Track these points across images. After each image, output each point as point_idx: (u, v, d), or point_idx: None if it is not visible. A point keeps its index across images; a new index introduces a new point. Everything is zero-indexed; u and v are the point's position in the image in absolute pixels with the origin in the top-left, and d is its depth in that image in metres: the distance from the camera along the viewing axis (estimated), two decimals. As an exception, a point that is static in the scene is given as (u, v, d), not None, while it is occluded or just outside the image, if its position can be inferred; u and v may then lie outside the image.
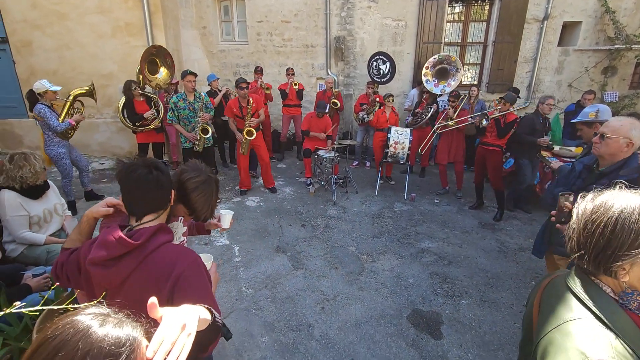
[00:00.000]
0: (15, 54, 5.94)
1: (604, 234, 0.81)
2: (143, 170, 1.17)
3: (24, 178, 2.48)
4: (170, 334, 0.63)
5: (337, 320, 2.81)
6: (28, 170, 2.48)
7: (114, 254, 1.09)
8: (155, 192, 1.20)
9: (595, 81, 6.54)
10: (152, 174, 1.18)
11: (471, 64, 7.22)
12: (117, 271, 1.10)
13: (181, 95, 4.46)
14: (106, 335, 0.59)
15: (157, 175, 1.19)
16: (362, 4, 6.92)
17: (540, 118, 4.31)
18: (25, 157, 2.52)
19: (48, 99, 4.10)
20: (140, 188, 1.18)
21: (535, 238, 2.69)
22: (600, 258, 0.82)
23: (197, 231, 1.92)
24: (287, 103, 6.59)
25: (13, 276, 2.20)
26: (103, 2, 5.72)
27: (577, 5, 6.28)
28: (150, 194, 1.20)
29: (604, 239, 0.81)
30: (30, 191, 2.58)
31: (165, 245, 1.17)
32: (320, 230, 4.28)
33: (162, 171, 1.21)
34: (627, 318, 0.81)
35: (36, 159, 2.55)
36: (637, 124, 1.98)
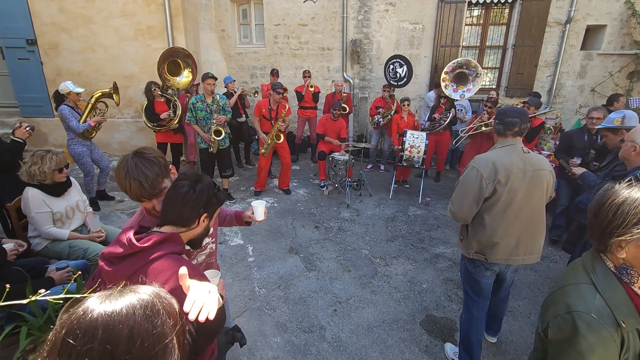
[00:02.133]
0: (43, 55, 6.17)
1: (607, 215, 0.95)
2: (184, 183, 1.20)
3: (31, 174, 2.56)
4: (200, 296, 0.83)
5: (350, 323, 2.80)
6: (37, 168, 2.55)
7: (121, 252, 1.10)
8: (180, 206, 1.20)
9: (620, 86, 6.33)
10: (185, 189, 1.19)
11: (490, 67, 7.11)
12: (120, 270, 1.11)
13: (200, 96, 4.55)
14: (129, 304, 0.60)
15: (192, 189, 1.20)
16: (379, 7, 6.92)
17: (585, 134, 3.78)
18: (42, 157, 2.59)
19: (72, 100, 4.25)
20: (170, 192, 1.21)
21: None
22: (603, 236, 0.97)
23: (236, 221, 1.89)
24: (303, 105, 6.64)
25: (37, 269, 2.29)
26: (126, 6, 5.89)
27: (602, 8, 6.10)
28: (174, 206, 1.20)
29: (607, 220, 0.95)
30: (53, 188, 2.67)
31: (170, 256, 1.14)
32: (333, 232, 4.28)
33: (199, 188, 1.21)
34: (620, 287, 0.95)
35: (51, 159, 2.60)
36: None
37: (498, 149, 2.05)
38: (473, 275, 2.17)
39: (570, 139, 3.86)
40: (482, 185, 1.93)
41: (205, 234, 1.30)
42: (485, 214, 1.99)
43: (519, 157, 1.97)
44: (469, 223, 2.07)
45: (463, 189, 2.01)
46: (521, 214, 1.97)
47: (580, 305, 0.94)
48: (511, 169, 1.92)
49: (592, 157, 3.60)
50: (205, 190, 1.22)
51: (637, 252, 0.92)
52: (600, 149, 3.52)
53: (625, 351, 0.91)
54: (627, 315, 0.92)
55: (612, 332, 0.90)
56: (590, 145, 3.67)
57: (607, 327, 0.90)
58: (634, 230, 0.90)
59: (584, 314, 0.92)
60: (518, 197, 1.94)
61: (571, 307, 0.95)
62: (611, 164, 2.57)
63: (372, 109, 6.35)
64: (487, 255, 2.04)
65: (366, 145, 5.65)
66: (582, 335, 0.91)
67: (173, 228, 1.21)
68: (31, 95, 6.35)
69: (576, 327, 0.93)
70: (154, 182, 1.30)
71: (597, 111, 3.63)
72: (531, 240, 2.04)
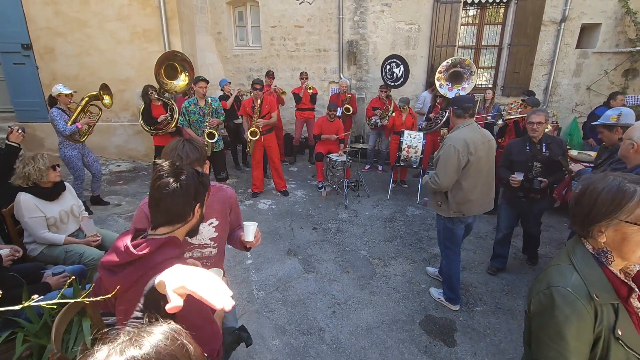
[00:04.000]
0: (39, 59, 6.16)
1: (589, 203, 1.04)
2: (167, 181, 1.11)
3: (28, 175, 2.54)
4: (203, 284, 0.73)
5: (349, 325, 2.79)
6: (32, 167, 2.54)
7: (120, 261, 1.08)
8: (171, 205, 1.13)
9: (616, 84, 6.36)
10: (170, 184, 1.10)
11: (486, 67, 7.13)
12: (122, 279, 1.09)
13: (192, 100, 4.54)
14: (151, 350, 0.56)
15: (176, 186, 1.11)
16: (375, 9, 6.93)
17: (526, 144, 3.10)
18: (33, 157, 2.59)
19: (63, 103, 4.22)
20: (155, 194, 1.13)
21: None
22: (584, 222, 1.06)
23: (240, 245, 1.80)
24: (301, 107, 6.63)
25: (33, 274, 2.27)
26: (122, 9, 5.89)
27: (597, 6, 6.13)
28: (164, 202, 1.12)
29: (589, 207, 1.04)
30: (45, 193, 2.64)
31: (170, 261, 1.08)
32: (331, 233, 4.28)
33: (185, 181, 1.13)
34: (596, 267, 1.04)
35: (44, 158, 2.62)
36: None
37: (462, 128, 2.61)
38: (451, 230, 2.78)
39: (509, 151, 3.22)
40: (459, 158, 2.48)
41: (201, 221, 1.28)
42: (462, 179, 2.56)
43: (478, 132, 2.61)
44: (449, 190, 2.62)
45: (445, 163, 2.52)
46: (482, 175, 2.60)
47: (559, 281, 1.04)
48: (476, 142, 2.53)
49: (537, 171, 3.05)
50: (190, 181, 1.15)
51: (616, 235, 1.01)
52: (546, 161, 3.00)
53: (599, 323, 0.99)
54: (602, 291, 1.00)
55: (586, 305, 0.98)
56: (533, 157, 3.06)
57: (581, 299, 0.99)
58: (611, 216, 0.99)
59: (561, 288, 1.02)
60: (482, 163, 2.57)
61: (550, 283, 1.06)
62: (607, 160, 2.58)
63: (369, 109, 6.35)
64: (464, 211, 2.65)
65: (364, 145, 5.65)
66: (558, 307, 1.01)
67: (169, 228, 1.17)
68: (27, 99, 6.33)
69: (553, 300, 1.02)
70: (192, 163, 1.45)
71: (536, 114, 3.00)
72: (488, 194, 2.74)
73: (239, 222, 1.85)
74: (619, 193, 0.98)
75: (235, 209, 1.81)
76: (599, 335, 0.99)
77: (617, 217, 0.98)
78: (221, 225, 1.70)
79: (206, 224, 1.64)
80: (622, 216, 0.98)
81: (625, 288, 1.02)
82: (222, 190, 1.75)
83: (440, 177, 2.55)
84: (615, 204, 0.98)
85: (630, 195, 0.97)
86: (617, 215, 0.98)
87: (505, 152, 3.24)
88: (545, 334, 1.05)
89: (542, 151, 3.04)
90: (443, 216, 2.77)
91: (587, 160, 4.45)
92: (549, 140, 3.06)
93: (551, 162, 2.99)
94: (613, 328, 0.99)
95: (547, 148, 3.03)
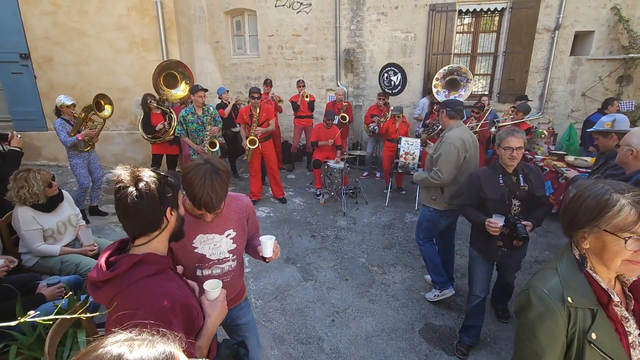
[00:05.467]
0: (37, 69, 6.18)
1: (574, 208, 1.06)
2: (125, 191, 1.04)
3: (22, 198, 2.51)
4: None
5: (348, 334, 2.76)
6: (27, 191, 2.51)
7: (98, 278, 1.06)
8: (135, 216, 1.06)
9: (610, 90, 6.42)
10: (130, 194, 1.03)
11: (482, 74, 7.19)
12: (102, 295, 1.07)
13: (190, 109, 4.54)
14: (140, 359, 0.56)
15: (136, 195, 1.03)
16: (371, 17, 7.01)
17: (499, 175, 2.35)
18: (26, 178, 2.52)
19: (66, 114, 4.24)
20: (119, 207, 1.06)
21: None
22: (568, 227, 1.09)
23: (258, 256, 1.72)
24: (299, 114, 6.65)
25: (28, 285, 2.24)
26: (120, 19, 5.93)
27: (589, 14, 6.23)
28: (130, 213, 1.06)
29: (573, 212, 1.06)
30: (43, 205, 2.62)
31: (144, 280, 1.06)
32: (330, 241, 4.26)
33: (145, 188, 1.05)
34: (578, 273, 1.06)
35: (36, 178, 2.54)
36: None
37: (456, 128, 2.80)
38: (436, 222, 2.95)
39: (477, 185, 2.40)
40: (458, 155, 2.70)
41: (181, 221, 1.21)
42: (459, 174, 2.75)
43: (468, 132, 2.85)
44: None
45: (447, 160, 2.70)
46: (471, 170, 2.73)
47: (538, 283, 1.09)
48: (469, 140, 2.76)
49: (517, 211, 2.34)
50: (151, 187, 1.07)
51: (597, 243, 1.02)
52: (526, 197, 2.33)
53: (572, 325, 1.01)
54: (580, 295, 1.02)
55: (559, 307, 1.01)
56: (510, 193, 2.33)
57: (555, 301, 1.02)
58: (592, 224, 1.01)
59: (538, 289, 1.07)
60: (472, 159, 2.79)
61: (530, 285, 1.11)
62: (602, 166, 2.59)
63: (367, 116, 6.39)
64: (457, 203, 2.78)
65: (361, 152, 5.66)
66: (533, 305, 1.06)
67: (145, 238, 1.12)
68: (24, 109, 6.34)
69: (530, 299, 1.08)
70: (220, 202, 1.40)
71: (515, 137, 2.23)
72: None
73: (257, 230, 1.83)
74: (602, 201, 0.99)
75: (252, 217, 1.76)
76: (572, 337, 1.01)
77: (598, 226, 0.99)
78: (239, 236, 1.65)
79: (223, 236, 1.59)
80: (602, 225, 0.98)
81: (605, 295, 1.03)
82: (238, 200, 1.70)
83: (443, 173, 2.72)
84: (597, 211, 1.00)
85: (612, 205, 0.97)
86: (597, 223, 0.99)
87: (472, 186, 2.44)
88: (521, 331, 1.10)
89: (520, 185, 2.34)
90: (433, 209, 2.93)
91: (584, 166, 4.47)
92: (526, 170, 2.36)
93: (531, 198, 2.35)
94: (586, 332, 1.00)
95: (525, 180, 2.34)
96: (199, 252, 1.53)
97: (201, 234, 1.53)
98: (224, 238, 1.58)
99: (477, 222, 2.38)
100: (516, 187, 2.34)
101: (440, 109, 3.00)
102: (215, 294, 1.27)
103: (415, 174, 3.15)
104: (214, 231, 1.55)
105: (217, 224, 1.56)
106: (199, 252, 1.53)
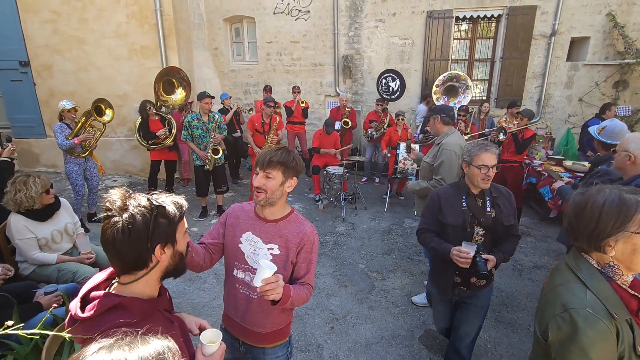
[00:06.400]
0: (36, 76, 6.19)
1: (592, 217, 1.01)
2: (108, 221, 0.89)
3: (19, 202, 2.50)
4: None
5: (347, 341, 2.74)
6: (24, 194, 2.49)
7: (73, 315, 0.94)
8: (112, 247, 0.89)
9: (607, 95, 6.47)
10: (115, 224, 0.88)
11: (479, 79, 7.24)
12: (76, 333, 0.93)
13: (196, 115, 4.59)
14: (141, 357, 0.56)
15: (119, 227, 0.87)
16: (369, 24, 7.07)
17: (462, 197, 1.99)
18: (25, 182, 2.52)
19: (67, 118, 4.25)
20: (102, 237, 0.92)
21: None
22: (591, 237, 1.02)
23: None
24: (292, 120, 6.68)
25: (26, 294, 2.23)
26: (120, 27, 5.97)
27: (585, 21, 6.29)
28: (109, 248, 0.90)
29: (593, 222, 1.01)
30: (37, 213, 2.59)
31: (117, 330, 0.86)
32: (329, 247, 4.24)
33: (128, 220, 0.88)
34: (605, 282, 1.01)
35: (35, 183, 2.54)
36: (638, 138, 1.98)
37: (452, 134, 2.81)
38: None
39: (436, 206, 2.03)
40: (458, 162, 2.65)
41: (179, 258, 1.03)
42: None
43: (462, 138, 2.93)
44: None
45: (450, 168, 2.68)
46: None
47: (574, 302, 0.99)
48: (464, 146, 2.61)
49: (479, 241, 1.97)
50: (136, 220, 0.89)
51: (625, 248, 0.98)
52: (492, 225, 1.95)
53: (621, 342, 0.94)
54: (616, 307, 0.97)
55: (608, 324, 0.94)
56: (473, 219, 1.96)
57: (603, 319, 0.94)
58: (621, 229, 0.97)
59: (580, 309, 0.96)
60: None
61: (566, 305, 1.00)
62: (589, 173, 2.60)
63: (366, 122, 6.42)
64: None
65: (360, 158, 5.67)
66: (582, 330, 0.95)
67: (130, 276, 0.95)
68: (24, 116, 6.34)
69: (575, 324, 0.96)
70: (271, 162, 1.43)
71: (488, 153, 1.90)
72: None
73: (307, 273, 1.50)
74: (623, 205, 0.97)
75: (307, 254, 1.48)
76: (622, 355, 0.95)
77: (627, 230, 0.96)
78: (281, 259, 1.45)
79: (266, 246, 1.46)
80: (631, 228, 0.96)
81: (635, 301, 1.00)
82: (301, 224, 1.50)
83: (447, 181, 2.65)
84: (622, 216, 0.96)
85: (635, 207, 0.96)
86: (626, 227, 0.96)
87: (431, 208, 2.06)
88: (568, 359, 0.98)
89: (486, 210, 1.96)
90: None
91: (582, 171, 4.50)
92: (495, 193, 2.00)
93: (498, 227, 1.96)
94: (633, 345, 0.95)
95: (492, 205, 1.97)
96: (242, 248, 1.50)
97: (250, 232, 1.49)
98: (265, 248, 1.47)
99: (439, 252, 1.93)
100: (481, 213, 1.95)
101: (433, 115, 2.94)
102: (212, 349, 1.03)
103: (412, 183, 3.06)
104: (260, 235, 1.48)
105: (266, 230, 1.48)
106: (241, 248, 1.50)
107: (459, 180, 2.14)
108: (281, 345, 1.59)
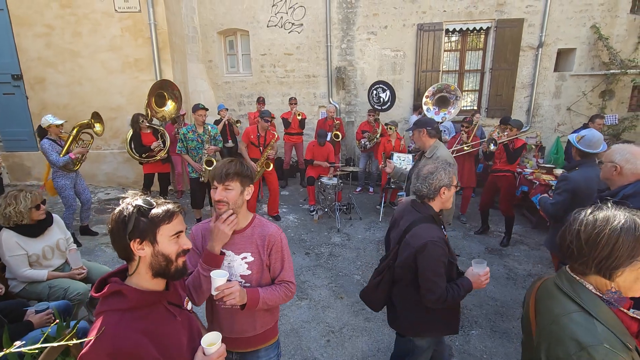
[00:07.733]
0: (29, 89, 6.17)
1: (608, 244, 0.94)
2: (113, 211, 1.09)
3: (7, 216, 2.48)
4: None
5: (344, 354, 2.72)
6: (13, 209, 2.48)
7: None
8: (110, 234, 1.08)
9: (594, 104, 6.63)
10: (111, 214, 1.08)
11: (470, 90, 7.38)
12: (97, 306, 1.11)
13: (191, 127, 4.61)
14: None
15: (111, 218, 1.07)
16: (361, 37, 7.20)
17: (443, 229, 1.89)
18: (15, 197, 2.51)
19: (53, 133, 4.21)
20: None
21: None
22: (602, 264, 0.96)
23: None
24: (289, 131, 6.73)
25: (16, 312, 2.18)
26: (114, 40, 5.99)
27: (570, 33, 6.48)
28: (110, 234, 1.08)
29: (608, 250, 0.94)
30: (29, 229, 2.56)
31: (107, 314, 1.02)
32: (324, 258, 4.23)
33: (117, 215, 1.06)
34: (608, 309, 0.97)
35: (26, 198, 2.52)
36: (623, 149, 2.02)
37: (441, 148, 2.83)
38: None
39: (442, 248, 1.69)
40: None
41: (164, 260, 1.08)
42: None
43: (448, 151, 2.95)
44: None
45: None
46: None
47: (588, 338, 0.92)
48: (451, 158, 2.70)
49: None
50: (121, 214, 1.04)
51: (630, 275, 0.96)
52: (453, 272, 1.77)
53: None
54: (624, 335, 0.93)
55: (626, 358, 0.90)
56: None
57: (621, 353, 0.90)
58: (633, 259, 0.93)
59: (597, 346, 0.90)
60: None
61: (581, 342, 0.92)
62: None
63: (359, 132, 6.48)
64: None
65: (354, 168, 5.71)
66: None
67: (130, 268, 1.10)
68: (15, 129, 6.30)
69: None
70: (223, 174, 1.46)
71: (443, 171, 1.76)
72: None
73: (281, 270, 1.56)
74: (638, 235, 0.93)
75: (277, 253, 1.54)
76: None
77: (636, 258, 0.93)
78: (256, 264, 1.51)
79: (239, 257, 1.50)
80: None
81: (635, 324, 0.97)
82: (265, 227, 1.56)
83: None
84: (638, 245, 0.93)
85: None
86: (638, 256, 0.93)
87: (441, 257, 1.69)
88: None
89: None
90: None
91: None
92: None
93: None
94: None
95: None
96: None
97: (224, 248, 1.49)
98: (238, 259, 1.50)
99: (464, 292, 1.70)
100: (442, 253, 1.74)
101: (418, 128, 2.84)
102: (212, 349, 1.12)
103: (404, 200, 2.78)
104: (231, 248, 1.49)
105: (236, 242, 1.50)
106: None
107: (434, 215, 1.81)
108: (272, 346, 1.69)
